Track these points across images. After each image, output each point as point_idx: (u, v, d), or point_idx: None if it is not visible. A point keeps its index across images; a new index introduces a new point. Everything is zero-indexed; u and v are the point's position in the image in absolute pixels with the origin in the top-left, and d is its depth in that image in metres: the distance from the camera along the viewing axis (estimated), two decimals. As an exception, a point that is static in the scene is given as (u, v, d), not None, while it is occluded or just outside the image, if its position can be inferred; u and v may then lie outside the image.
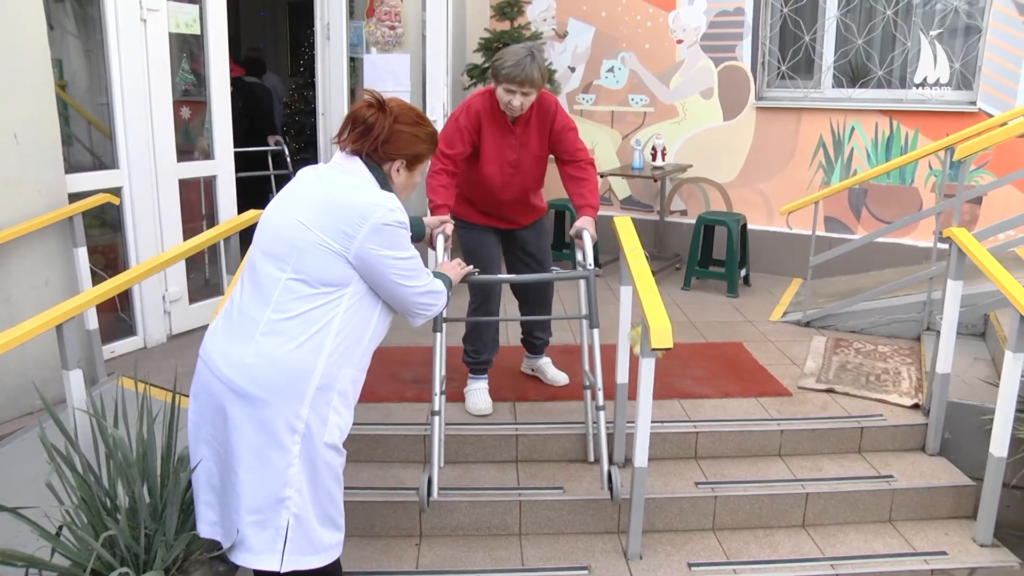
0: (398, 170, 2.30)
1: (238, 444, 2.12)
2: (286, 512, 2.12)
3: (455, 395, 3.70)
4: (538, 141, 3.44)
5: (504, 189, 3.48)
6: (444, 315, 2.99)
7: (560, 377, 3.94)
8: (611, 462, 3.36)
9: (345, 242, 2.12)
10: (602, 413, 3.09)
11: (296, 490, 2.12)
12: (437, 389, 3.04)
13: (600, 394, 3.09)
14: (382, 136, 2.23)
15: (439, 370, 3.06)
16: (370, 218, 2.12)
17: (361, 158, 2.25)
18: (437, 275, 2.48)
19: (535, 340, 3.92)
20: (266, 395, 2.08)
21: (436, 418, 3.02)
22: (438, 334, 3.06)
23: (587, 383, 3.40)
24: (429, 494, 2.91)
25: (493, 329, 3.70)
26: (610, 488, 3.05)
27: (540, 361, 3.98)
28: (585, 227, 3.25)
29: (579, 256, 3.28)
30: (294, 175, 2.36)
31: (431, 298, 2.34)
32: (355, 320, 2.18)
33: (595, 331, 3.11)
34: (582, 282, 3.30)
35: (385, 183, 2.26)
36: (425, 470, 3.14)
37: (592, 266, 3.16)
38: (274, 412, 2.09)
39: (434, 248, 3.07)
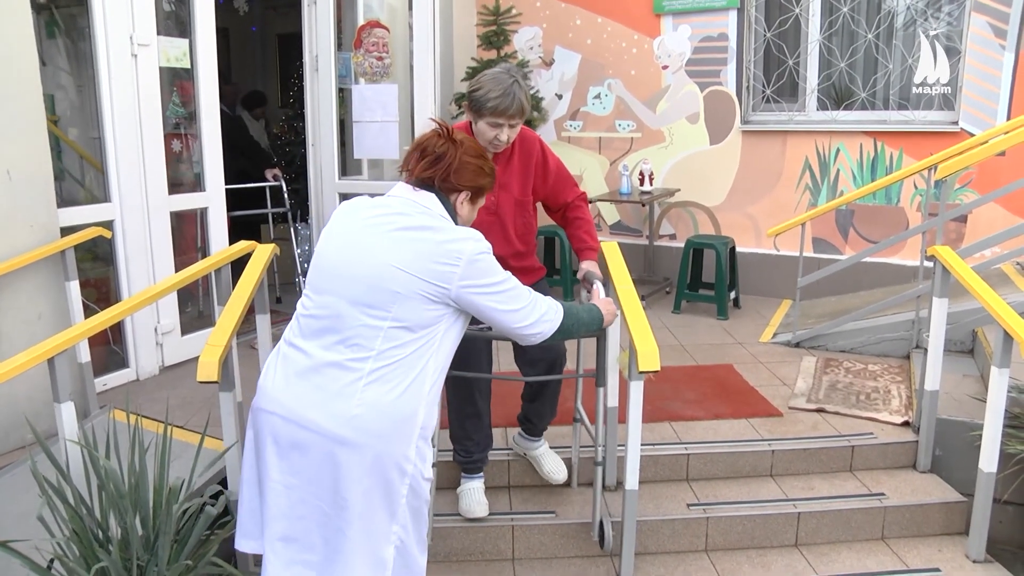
0: (463, 202, 2.28)
1: (348, 494, 2.08)
2: (391, 548, 2.15)
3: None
4: (520, 182, 3.02)
5: None
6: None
7: (558, 473, 3.39)
8: (604, 487, 3.36)
9: (446, 281, 2.09)
10: (599, 469, 3.08)
11: (402, 526, 2.15)
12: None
13: (600, 451, 3.06)
14: (454, 165, 2.21)
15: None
16: (464, 254, 2.10)
17: (433, 190, 2.23)
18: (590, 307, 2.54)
19: (533, 423, 3.38)
20: (376, 443, 2.07)
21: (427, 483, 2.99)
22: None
23: (576, 417, 3.40)
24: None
25: (484, 426, 3.20)
26: (600, 539, 3.06)
27: (537, 450, 3.43)
28: (593, 271, 3.03)
29: (584, 296, 3.12)
30: (290, 209, 2.35)
31: (543, 321, 2.30)
32: (442, 356, 2.18)
33: (600, 389, 3.01)
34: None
35: (453, 216, 2.25)
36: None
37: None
38: (387, 458, 2.08)
39: None
